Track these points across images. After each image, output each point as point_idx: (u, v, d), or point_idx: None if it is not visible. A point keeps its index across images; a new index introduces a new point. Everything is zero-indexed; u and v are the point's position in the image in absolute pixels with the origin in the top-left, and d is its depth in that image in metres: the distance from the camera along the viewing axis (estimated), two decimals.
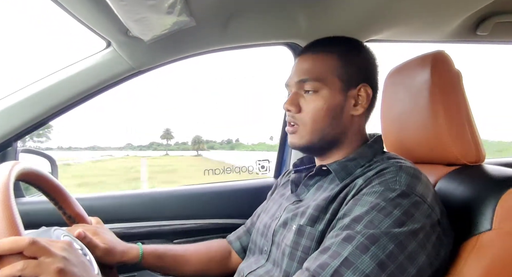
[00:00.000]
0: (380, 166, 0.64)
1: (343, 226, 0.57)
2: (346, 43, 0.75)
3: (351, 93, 0.71)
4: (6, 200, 0.47)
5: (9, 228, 0.45)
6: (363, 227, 0.54)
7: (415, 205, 0.56)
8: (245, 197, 1.28)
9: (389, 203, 0.56)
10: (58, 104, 0.98)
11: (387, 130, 0.87)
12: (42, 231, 0.61)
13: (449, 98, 0.71)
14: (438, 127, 0.71)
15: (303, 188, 0.76)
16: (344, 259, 0.52)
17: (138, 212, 1.15)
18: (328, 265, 0.52)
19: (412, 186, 0.58)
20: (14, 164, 0.56)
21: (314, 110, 0.70)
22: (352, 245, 0.52)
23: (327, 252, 0.54)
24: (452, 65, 0.73)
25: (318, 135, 0.71)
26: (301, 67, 0.73)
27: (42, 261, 0.45)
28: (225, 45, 1.12)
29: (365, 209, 0.56)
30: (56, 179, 0.70)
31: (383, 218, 0.54)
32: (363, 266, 0.50)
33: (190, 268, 0.86)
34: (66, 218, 0.73)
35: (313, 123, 0.70)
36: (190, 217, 1.20)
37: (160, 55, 1.05)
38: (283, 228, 0.71)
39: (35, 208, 1.02)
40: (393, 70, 0.87)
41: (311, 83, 0.70)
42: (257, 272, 0.72)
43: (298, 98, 0.72)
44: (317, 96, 0.70)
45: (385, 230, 0.53)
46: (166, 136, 29.53)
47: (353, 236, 0.54)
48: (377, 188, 0.58)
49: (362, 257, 0.51)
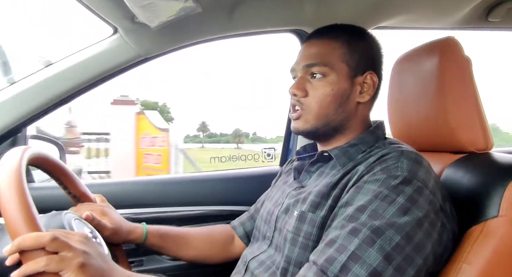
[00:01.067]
0: (381, 151, 0.64)
1: (347, 216, 0.56)
2: (353, 31, 0.74)
3: (358, 80, 0.71)
4: (19, 185, 0.48)
5: (23, 212, 0.46)
6: (367, 217, 0.54)
7: (418, 190, 0.56)
8: (250, 185, 1.28)
9: (392, 190, 0.56)
10: (65, 91, 0.99)
11: (393, 118, 0.86)
12: (53, 214, 0.63)
13: (458, 85, 0.70)
14: (445, 115, 0.71)
15: (305, 175, 0.76)
16: (351, 253, 0.51)
17: (145, 198, 1.17)
18: (336, 259, 0.52)
19: (414, 171, 0.58)
20: (25, 148, 0.57)
21: (321, 95, 0.69)
22: (359, 238, 0.52)
23: (333, 245, 0.54)
24: (461, 52, 0.72)
25: (323, 121, 0.70)
26: (309, 52, 0.73)
27: (64, 256, 0.47)
28: (231, 32, 1.11)
29: (368, 198, 0.56)
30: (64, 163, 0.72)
31: (387, 206, 0.54)
32: (370, 259, 0.50)
33: (192, 251, 0.88)
34: (71, 197, 0.76)
35: (319, 108, 0.70)
36: (196, 204, 1.21)
37: (166, 42, 1.05)
38: (285, 214, 0.71)
39: (45, 193, 1.04)
40: (401, 57, 0.86)
41: (319, 68, 0.70)
42: (259, 257, 0.73)
43: (304, 83, 0.71)
44: (325, 81, 0.70)
45: (390, 219, 0.53)
46: (202, 129, 30.21)
47: (359, 229, 0.53)
48: (379, 175, 0.58)
49: (368, 250, 0.51)
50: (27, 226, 0.46)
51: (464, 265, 0.56)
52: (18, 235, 0.45)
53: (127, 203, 1.13)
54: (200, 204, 1.22)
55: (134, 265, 1.10)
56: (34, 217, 0.47)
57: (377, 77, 0.72)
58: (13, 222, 0.45)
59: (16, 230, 0.45)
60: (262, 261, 0.72)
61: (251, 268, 0.73)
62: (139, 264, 1.11)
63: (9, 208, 0.46)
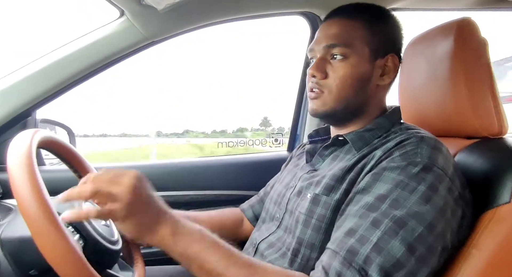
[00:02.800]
0: (399, 136, 0.62)
1: (367, 205, 0.55)
2: (374, 11, 0.72)
3: (379, 63, 0.69)
4: (31, 167, 0.48)
5: (35, 194, 0.47)
6: (388, 207, 0.53)
7: (438, 178, 0.55)
8: (258, 170, 1.29)
9: (413, 178, 0.54)
10: (74, 75, 0.99)
11: (405, 102, 0.84)
12: None
13: (473, 68, 0.68)
14: (459, 99, 0.69)
15: (318, 158, 0.75)
16: (374, 245, 0.50)
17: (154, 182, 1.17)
18: (359, 251, 0.51)
19: (434, 158, 0.56)
20: (35, 131, 0.57)
21: (342, 77, 0.67)
22: (381, 230, 0.51)
23: (353, 235, 0.53)
24: (478, 33, 0.69)
25: (342, 103, 0.68)
26: (330, 32, 0.69)
27: (109, 208, 0.49)
28: (240, 14, 1.09)
29: (388, 186, 0.55)
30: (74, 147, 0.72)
31: (408, 195, 0.53)
32: (393, 251, 0.50)
33: None
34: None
35: (340, 90, 0.68)
36: (205, 188, 1.23)
37: (173, 25, 1.03)
38: (297, 197, 0.71)
39: (55, 176, 1.06)
40: (414, 39, 0.83)
41: (341, 49, 0.67)
42: (269, 239, 0.73)
43: (324, 64, 0.69)
44: (346, 63, 0.67)
45: (412, 208, 0.52)
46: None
47: (381, 220, 0.52)
48: (398, 162, 0.57)
49: (391, 242, 0.50)
50: (39, 207, 0.46)
51: (474, 250, 0.56)
52: (31, 216, 0.46)
53: None
54: (208, 188, 1.23)
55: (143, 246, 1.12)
56: (46, 199, 0.47)
57: (398, 59, 0.71)
58: (26, 203, 0.46)
59: (28, 211, 0.46)
60: (272, 243, 0.72)
61: (260, 250, 0.73)
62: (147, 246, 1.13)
63: (21, 190, 0.46)
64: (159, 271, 0.88)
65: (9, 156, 0.50)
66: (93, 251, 0.55)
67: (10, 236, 0.54)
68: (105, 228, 0.62)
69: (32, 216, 0.46)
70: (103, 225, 0.62)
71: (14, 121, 0.99)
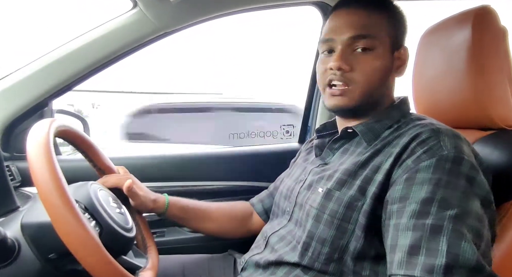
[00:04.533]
0: (413, 129, 0.61)
1: (414, 213, 0.51)
2: (392, 2, 0.70)
3: (397, 54, 0.68)
4: (49, 155, 0.50)
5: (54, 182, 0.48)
6: (439, 209, 0.50)
7: (471, 167, 0.53)
8: (269, 161, 1.29)
9: (450, 174, 0.52)
10: (88, 66, 1.00)
11: (419, 93, 0.83)
12: (79, 185, 0.65)
13: (491, 58, 0.66)
14: (475, 89, 0.67)
15: (328, 152, 0.74)
16: (446, 253, 0.46)
17: (164, 173, 1.19)
18: (434, 265, 0.46)
19: (459, 147, 0.55)
20: (52, 121, 0.59)
21: (371, 70, 0.65)
22: (444, 236, 0.48)
23: (419, 251, 0.48)
24: (497, 21, 0.67)
25: (367, 97, 0.66)
26: (354, 21, 0.66)
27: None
28: (252, 5, 1.09)
29: (428, 188, 0.52)
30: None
31: (452, 192, 0.51)
32: (468, 253, 0.46)
33: (212, 224, 0.90)
34: (97, 170, 0.79)
35: (368, 84, 0.65)
36: (214, 179, 1.24)
37: (185, 16, 1.03)
38: (308, 190, 0.71)
39: (71, 165, 1.08)
40: (428, 30, 0.81)
41: (368, 40, 0.64)
42: (279, 232, 0.74)
43: (348, 56, 0.66)
44: (373, 55, 0.65)
45: (462, 206, 0.50)
46: None
47: (439, 224, 0.48)
48: (426, 161, 0.54)
49: (461, 245, 0.47)
50: (58, 195, 0.48)
51: None
52: (50, 203, 0.47)
53: (146, 177, 1.16)
54: (218, 179, 1.24)
55: (156, 235, 1.14)
56: (64, 187, 0.49)
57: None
58: (46, 190, 0.47)
59: (48, 198, 0.47)
60: (282, 236, 0.72)
61: (271, 243, 0.74)
62: (160, 235, 1.16)
63: (41, 178, 0.48)
64: (172, 260, 0.90)
65: (28, 145, 0.51)
66: (108, 238, 0.57)
67: (30, 221, 0.56)
68: (120, 215, 0.64)
69: (52, 203, 0.47)
70: (118, 213, 0.64)
71: (31, 111, 1.01)
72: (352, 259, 0.60)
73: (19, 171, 0.99)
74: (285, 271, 0.66)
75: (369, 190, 0.59)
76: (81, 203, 0.58)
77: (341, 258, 0.61)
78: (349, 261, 0.60)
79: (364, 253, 0.59)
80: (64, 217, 0.47)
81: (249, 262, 0.75)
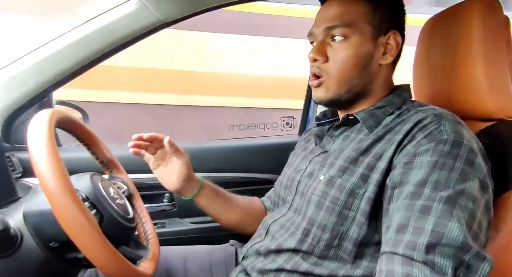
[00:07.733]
0: (415, 115, 0.61)
1: (408, 195, 0.52)
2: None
3: (381, 40, 0.67)
4: (51, 146, 0.50)
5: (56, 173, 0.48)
6: (432, 190, 0.50)
7: (470, 151, 0.54)
8: (270, 153, 1.30)
9: (447, 156, 0.52)
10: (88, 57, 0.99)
11: (419, 84, 0.83)
12: (80, 175, 0.65)
13: (492, 48, 0.66)
14: (476, 80, 0.67)
15: (328, 139, 0.74)
16: (431, 232, 0.47)
17: None
18: (417, 243, 0.47)
19: (459, 132, 0.55)
20: (53, 111, 0.59)
21: (343, 59, 0.66)
22: (433, 215, 0.48)
23: (406, 229, 0.49)
24: (500, 11, 0.66)
25: (345, 86, 0.67)
26: (329, 13, 0.68)
27: None
28: None
29: (425, 170, 0.52)
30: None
31: (448, 174, 0.51)
32: (454, 233, 0.46)
33: (234, 215, 0.89)
34: (99, 163, 0.78)
35: (341, 73, 0.66)
36: (216, 171, 1.25)
37: (186, 6, 1.02)
38: (309, 178, 0.71)
39: (72, 157, 1.09)
40: (430, 19, 0.80)
41: (341, 29, 0.65)
42: (279, 221, 0.74)
43: (325, 47, 0.67)
44: (347, 44, 0.66)
45: (456, 187, 0.50)
46: None
47: (429, 205, 0.49)
48: (426, 145, 0.54)
49: (449, 224, 0.47)
50: (59, 183, 0.48)
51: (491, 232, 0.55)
52: (52, 191, 0.47)
53: (148, 168, 1.17)
54: (219, 171, 1.25)
55: (157, 226, 1.15)
56: (66, 176, 0.49)
57: (401, 37, 0.69)
58: (47, 179, 0.48)
59: (49, 187, 0.48)
60: (282, 224, 0.73)
61: (271, 232, 0.74)
62: (161, 226, 1.17)
63: (43, 169, 0.48)
64: (173, 251, 0.90)
65: (29, 135, 0.51)
66: (109, 226, 0.57)
67: (31, 209, 0.56)
68: (120, 205, 0.64)
69: (53, 191, 0.47)
70: (118, 203, 0.64)
71: (31, 102, 1.01)
72: (353, 245, 0.60)
73: (20, 161, 1.00)
74: (285, 258, 0.67)
75: (372, 177, 0.60)
76: (82, 192, 0.58)
77: (340, 244, 0.61)
78: (349, 247, 0.60)
79: (367, 240, 0.60)
80: (64, 204, 0.47)
81: (250, 251, 0.76)
